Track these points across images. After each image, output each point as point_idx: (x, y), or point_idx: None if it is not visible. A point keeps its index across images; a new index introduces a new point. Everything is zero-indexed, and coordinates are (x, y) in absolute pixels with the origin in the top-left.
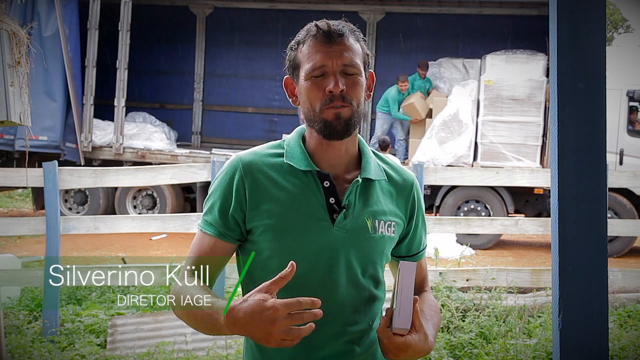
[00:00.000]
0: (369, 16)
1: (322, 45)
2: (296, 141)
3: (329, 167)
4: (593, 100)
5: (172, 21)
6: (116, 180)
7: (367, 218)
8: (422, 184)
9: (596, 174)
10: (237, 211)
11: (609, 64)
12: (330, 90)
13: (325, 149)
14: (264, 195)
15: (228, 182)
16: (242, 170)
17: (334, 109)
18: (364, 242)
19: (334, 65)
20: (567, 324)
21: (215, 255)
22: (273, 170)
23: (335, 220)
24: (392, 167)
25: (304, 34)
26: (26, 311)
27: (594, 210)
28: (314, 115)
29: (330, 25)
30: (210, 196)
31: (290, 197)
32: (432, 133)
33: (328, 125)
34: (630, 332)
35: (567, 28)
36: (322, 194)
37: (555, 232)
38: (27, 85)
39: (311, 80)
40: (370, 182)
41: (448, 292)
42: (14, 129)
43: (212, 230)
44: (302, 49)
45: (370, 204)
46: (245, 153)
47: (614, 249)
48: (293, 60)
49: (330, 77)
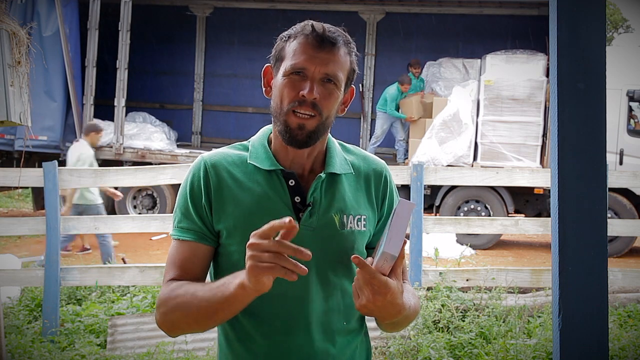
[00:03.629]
0: (369, 16)
1: (311, 48)
2: (260, 141)
3: (293, 165)
4: (593, 100)
5: (172, 21)
6: (116, 180)
7: (335, 214)
8: (422, 184)
9: (596, 174)
10: (208, 211)
11: (609, 64)
12: (303, 95)
13: (289, 149)
14: (229, 196)
15: (196, 184)
16: (207, 171)
17: (299, 119)
18: (333, 239)
19: (315, 72)
20: (567, 324)
21: (200, 261)
22: (238, 170)
23: (300, 220)
24: (360, 157)
25: (298, 29)
26: (26, 311)
27: (594, 210)
28: (279, 113)
29: (326, 29)
30: (180, 202)
31: (255, 198)
32: (432, 133)
33: (289, 131)
34: (630, 332)
35: (567, 28)
36: (287, 193)
37: (555, 232)
38: (27, 85)
39: (288, 78)
40: (336, 176)
41: (448, 292)
42: (14, 129)
43: (191, 235)
44: (291, 43)
45: (337, 199)
46: (209, 154)
47: (614, 249)
48: (279, 52)
49: (307, 81)
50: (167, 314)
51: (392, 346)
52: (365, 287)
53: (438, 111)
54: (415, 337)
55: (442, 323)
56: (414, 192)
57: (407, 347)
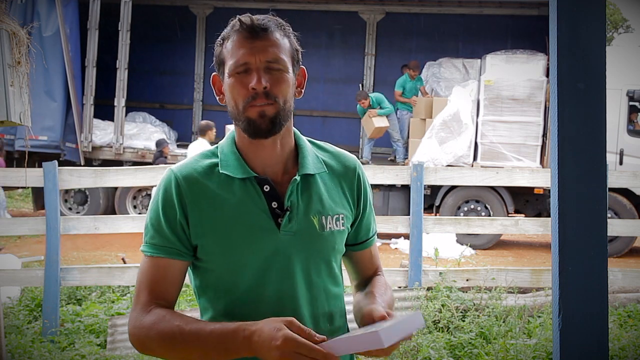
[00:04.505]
0: (369, 16)
1: (245, 41)
2: (229, 147)
3: (265, 169)
4: (593, 100)
5: (172, 21)
6: (116, 180)
7: (314, 216)
8: (422, 184)
9: (596, 174)
10: (185, 225)
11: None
12: (253, 87)
13: (257, 149)
14: (205, 210)
15: (168, 198)
16: (179, 185)
17: (258, 107)
18: (314, 241)
19: (257, 62)
20: (567, 324)
21: (175, 278)
22: (210, 182)
23: (280, 225)
24: (332, 154)
25: (228, 29)
26: (26, 311)
27: (594, 210)
28: (238, 114)
29: (254, 19)
30: (152, 218)
31: (231, 209)
32: (432, 133)
33: (252, 123)
34: (630, 332)
35: (567, 28)
36: (262, 199)
37: (555, 232)
38: (27, 85)
39: (235, 77)
40: (310, 177)
41: (448, 292)
42: (14, 129)
43: (165, 252)
44: (226, 45)
45: (314, 200)
46: (178, 167)
47: (614, 249)
48: (219, 57)
49: (253, 73)
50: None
51: None
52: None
53: (438, 111)
54: (415, 337)
55: (442, 323)
56: (414, 192)
57: (407, 347)
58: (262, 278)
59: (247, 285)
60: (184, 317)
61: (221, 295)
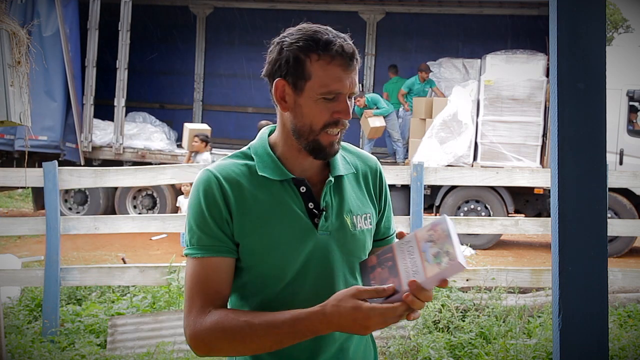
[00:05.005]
0: (369, 16)
1: (342, 70)
2: (264, 149)
3: (301, 171)
4: (593, 100)
5: (172, 21)
6: (116, 180)
7: (346, 216)
8: (422, 184)
9: (596, 174)
10: (230, 223)
11: (609, 64)
12: (340, 117)
13: (300, 157)
14: (247, 210)
15: (211, 197)
16: (221, 185)
17: (332, 137)
18: (348, 240)
19: (348, 92)
20: (567, 324)
21: (227, 275)
22: (248, 183)
23: (318, 225)
24: (355, 154)
25: (320, 44)
26: (26, 311)
27: (594, 210)
28: (309, 133)
29: (350, 47)
30: (196, 219)
31: (270, 209)
32: (432, 133)
33: (322, 149)
34: (630, 332)
35: (567, 28)
36: (300, 200)
37: (555, 232)
38: (27, 85)
39: (321, 101)
40: (340, 178)
41: (448, 292)
42: (14, 129)
43: (215, 251)
44: (316, 61)
45: (346, 200)
46: (215, 167)
47: (614, 249)
48: (298, 68)
49: (342, 102)
50: (214, 343)
51: (392, 346)
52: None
53: (438, 111)
54: (415, 337)
55: (442, 323)
56: (414, 192)
57: (407, 347)
58: (301, 276)
59: (287, 282)
60: (248, 312)
61: (258, 292)
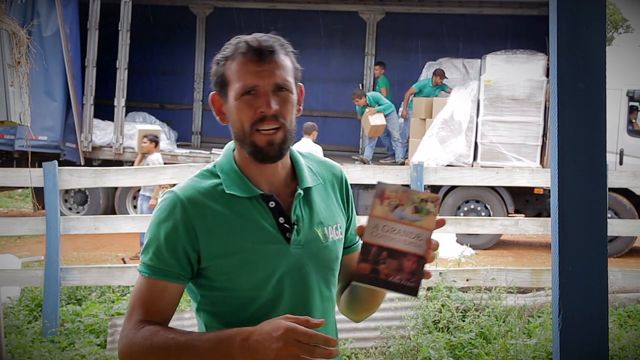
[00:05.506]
0: (369, 16)
1: (253, 65)
2: (230, 166)
3: (268, 185)
4: (593, 100)
5: (172, 21)
6: (116, 180)
7: (317, 228)
8: (422, 184)
9: (596, 174)
10: (190, 250)
11: (609, 64)
12: (262, 111)
13: (260, 168)
14: (214, 231)
15: (171, 222)
16: (185, 209)
17: (266, 135)
18: (321, 253)
19: (266, 85)
20: (567, 324)
21: (171, 300)
22: (215, 202)
23: (290, 239)
24: (320, 163)
25: (232, 50)
26: (26, 311)
27: (594, 210)
28: (244, 136)
29: (261, 42)
30: (153, 239)
31: (241, 228)
32: (432, 132)
33: (260, 151)
34: (630, 332)
35: (567, 28)
36: (270, 215)
37: (555, 232)
38: (27, 85)
39: (242, 100)
40: (309, 190)
41: (448, 292)
42: (14, 129)
43: (163, 275)
44: (230, 65)
45: (316, 212)
46: (180, 189)
47: (614, 249)
48: (221, 77)
49: (261, 97)
50: (141, 359)
51: (392, 346)
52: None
53: (438, 111)
54: (415, 337)
55: (442, 323)
56: None
57: (407, 347)
58: (277, 292)
59: (264, 300)
60: (178, 330)
61: (233, 311)
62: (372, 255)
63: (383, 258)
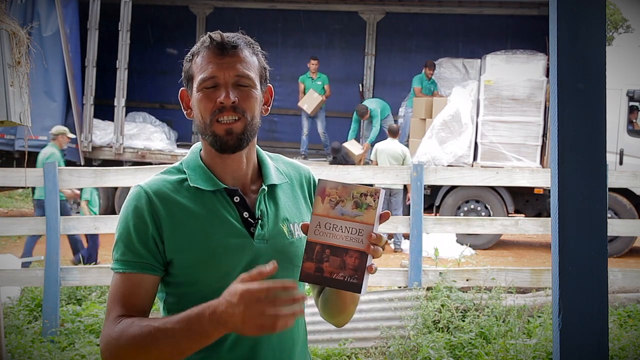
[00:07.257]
0: (369, 16)
1: (215, 57)
2: (196, 161)
3: (233, 180)
4: (593, 100)
5: (172, 21)
6: (116, 180)
7: (282, 224)
8: (422, 184)
9: (596, 174)
10: (158, 240)
11: (609, 64)
12: (221, 102)
13: (224, 163)
14: (178, 225)
15: (139, 214)
16: (150, 200)
17: (225, 125)
18: (286, 248)
19: (226, 77)
20: (567, 324)
21: (147, 292)
22: (181, 196)
23: (254, 234)
24: (288, 164)
25: (198, 46)
26: (26, 311)
27: (594, 210)
28: (204, 127)
29: (224, 36)
30: (122, 234)
31: (205, 221)
32: (432, 133)
33: (219, 139)
34: (630, 332)
35: (567, 28)
36: (234, 210)
37: (555, 232)
38: (27, 85)
39: (202, 92)
40: (274, 187)
41: (448, 292)
42: (14, 129)
43: (137, 268)
44: (196, 60)
45: (281, 209)
46: (147, 183)
47: (614, 249)
48: (187, 72)
49: (221, 88)
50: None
51: (392, 346)
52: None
53: (438, 111)
54: (415, 337)
55: (442, 323)
56: (414, 192)
57: (407, 347)
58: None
59: None
60: (152, 318)
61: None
62: (315, 253)
63: (326, 256)
